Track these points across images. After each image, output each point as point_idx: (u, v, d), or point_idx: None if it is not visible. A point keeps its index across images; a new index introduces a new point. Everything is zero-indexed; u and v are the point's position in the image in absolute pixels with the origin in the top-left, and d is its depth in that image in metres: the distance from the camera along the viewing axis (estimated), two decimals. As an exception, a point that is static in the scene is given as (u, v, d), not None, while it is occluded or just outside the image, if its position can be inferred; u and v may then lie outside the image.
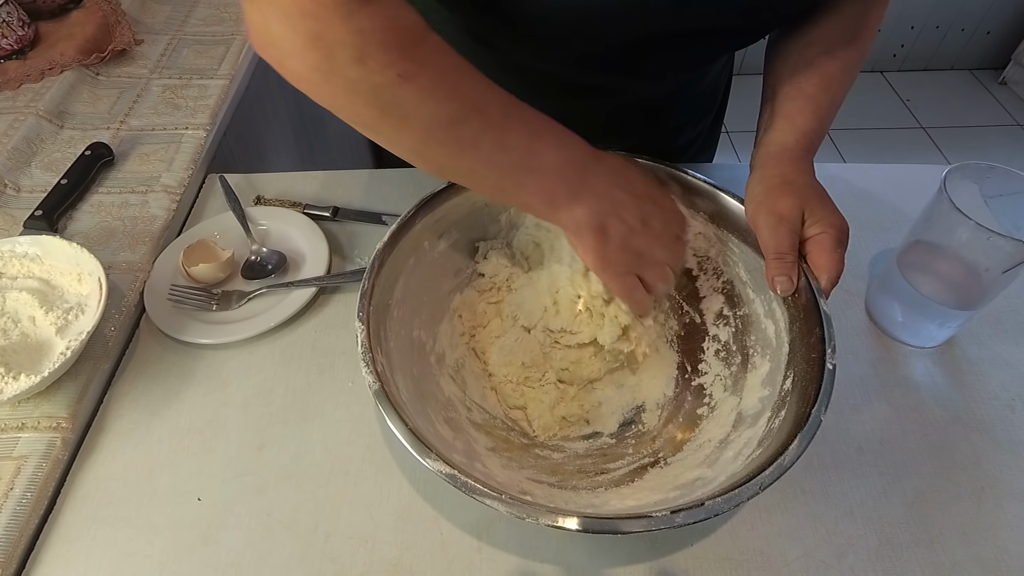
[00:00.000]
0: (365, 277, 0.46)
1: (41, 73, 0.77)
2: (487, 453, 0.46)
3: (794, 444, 0.40)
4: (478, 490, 0.37)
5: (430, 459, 0.38)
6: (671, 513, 0.36)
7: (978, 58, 2.48)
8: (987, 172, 0.52)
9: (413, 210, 0.51)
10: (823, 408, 0.41)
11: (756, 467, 0.39)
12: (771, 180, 0.50)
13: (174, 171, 0.69)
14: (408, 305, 0.50)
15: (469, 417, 0.49)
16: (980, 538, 0.46)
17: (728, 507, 0.37)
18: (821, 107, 0.52)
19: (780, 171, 0.50)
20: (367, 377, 0.41)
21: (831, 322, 0.45)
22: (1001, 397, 0.54)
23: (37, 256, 0.56)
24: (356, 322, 0.44)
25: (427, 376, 0.48)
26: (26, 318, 0.54)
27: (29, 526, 0.45)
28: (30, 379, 0.48)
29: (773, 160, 0.51)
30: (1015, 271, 0.49)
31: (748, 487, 0.38)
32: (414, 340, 0.49)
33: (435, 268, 0.53)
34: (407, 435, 0.39)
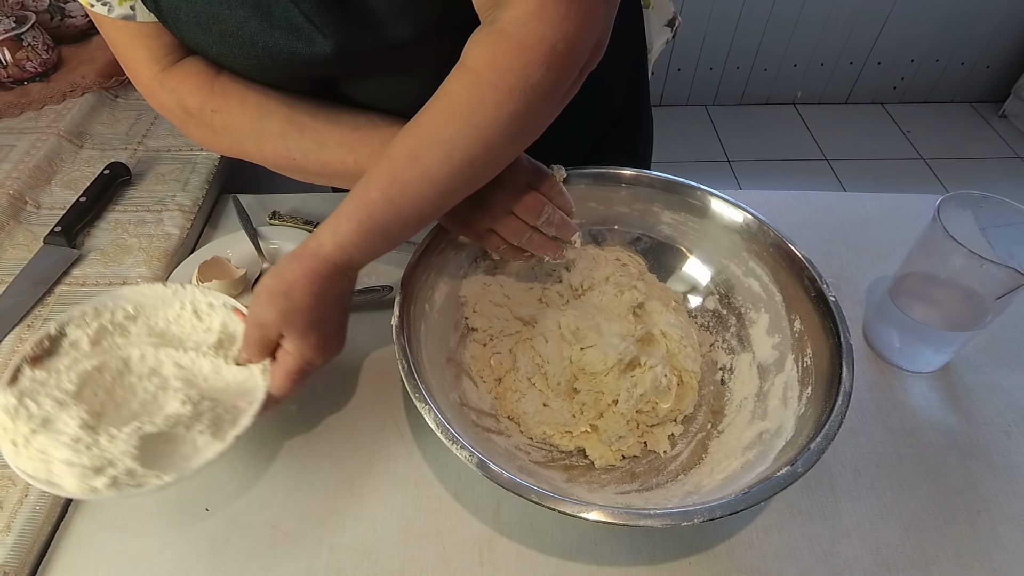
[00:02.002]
0: (401, 358, 0.45)
1: (63, 95, 0.80)
2: (568, 486, 0.47)
3: (845, 372, 0.44)
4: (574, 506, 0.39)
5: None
6: (791, 465, 0.40)
7: (978, 91, 2.51)
8: (981, 201, 0.54)
9: (407, 279, 0.50)
10: (849, 334, 0.45)
11: (827, 400, 0.43)
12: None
13: (189, 191, 0.71)
14: (436, 374, 0.50)
15: (532, 460, 0.49)
16: (975, 562, 0.46)
17: (827, 443, 0.41)
18: (374, 218, 0.43)
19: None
20: (460, 453, 0.41)
21: (813, 263, 0.51)
22: (997, 423, 0.55)
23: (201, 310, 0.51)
24: (419, 404, 0.43)
25: (480, 437, 0.48)
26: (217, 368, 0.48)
27: (42, 534, 0.46)
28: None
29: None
30: (1008, 297, 0.50)
31: (833, 419, 0.42)
32: (452, 404, 0.49)
33: (439, 328, 0.54)
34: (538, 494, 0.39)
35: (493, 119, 0.40)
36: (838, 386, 0.44)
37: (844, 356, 0.45)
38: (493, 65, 0.39)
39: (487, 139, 0.41)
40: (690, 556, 0.46)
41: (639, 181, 0.60)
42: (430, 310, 0.53)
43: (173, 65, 0.49)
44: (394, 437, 0.53)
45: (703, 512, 0.38)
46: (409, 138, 0.42)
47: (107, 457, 0.40)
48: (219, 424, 0.44)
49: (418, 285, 0.52)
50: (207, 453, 0.42)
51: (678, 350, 0.55)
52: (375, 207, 0.42)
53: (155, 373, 0.46)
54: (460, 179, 0.42)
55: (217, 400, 0.45)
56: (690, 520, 0.38)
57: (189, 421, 0.43)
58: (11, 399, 0.42)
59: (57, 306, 0.60)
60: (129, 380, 0.46)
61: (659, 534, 0.47)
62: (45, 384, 0.43)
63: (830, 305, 0.48)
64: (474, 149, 0.41)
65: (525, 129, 0.42)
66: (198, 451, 0.43)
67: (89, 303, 0.48)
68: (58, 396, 0.42)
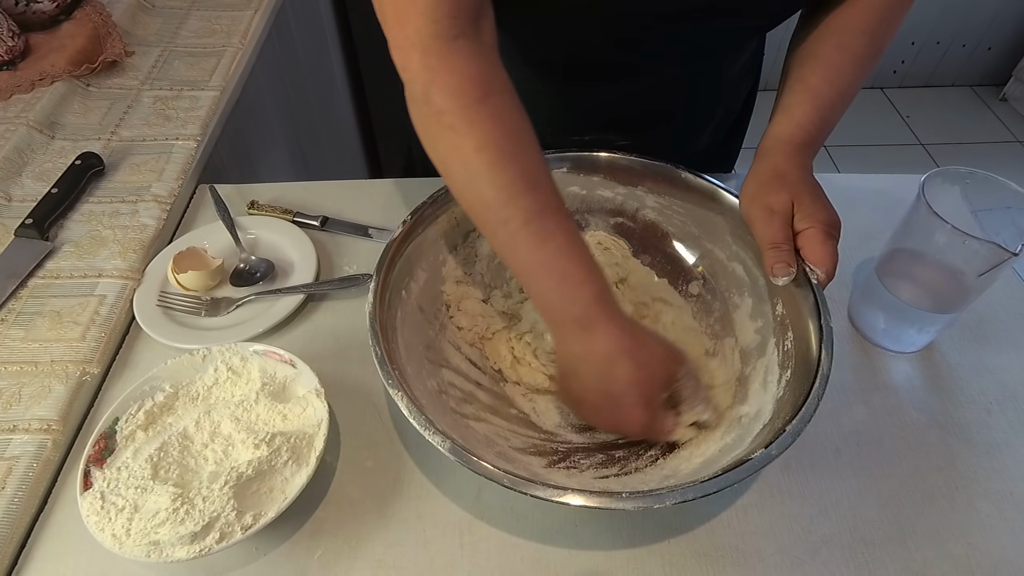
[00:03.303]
0: (374, 344, 0.45)
1: (32, 84, 0.78)
2: (546, 471, 0.47)
3: (824, 355, 0.43)
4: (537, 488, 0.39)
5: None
6: (765, 448, 0.40)
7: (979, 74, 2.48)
8: (967, 177, 0.53)
9: (383, 265, 0.50)
10: (830, 317, 0.45)
11: (806, 382, 0.43)
12: (763, 175, 0.50)
13: (164, 181, 0.70)
14: (414, 361, 0.49)
15: (511, 446, 0.49)
16: (952, 536, 0.47)
17: (803, 425, 0.41)
18: (823, 98, 0.51)
19: (772, 165, 0.50)
20: (432, 439, 0.40)
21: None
22: (979, 401, 0.55)
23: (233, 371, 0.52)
24: (392, 391, 0.43)
25: (459, 424, 0.48)
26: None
27: (20, 526, 0.46)
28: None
29: (767, 154, 0.51)
30: (991, 275, 0.50)
31: (810, 402, 0.42)
32: (430, 391, 0.49)
33: (418, 315, 0.53)
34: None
35: (901, 10, 0.52)
36: (816, 369, 0.44)
37: (824, 339, 0.45)
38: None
39: (898, 27, 0.53)
40: (670, 537, 0.46)
41: (623, 165, 0.59)
42: (407, 297, 0.53)
43: (452, 41, 0.40)
44: (375, 424, 0.52)
45: (675, 495, 0.38)
46: (834, 34, 0.51)
47: (210, 515, 0.42)
48: (299, 452, 0.46)
49: (395, 271, 0.51)
50: (299, 480, 0.44)
51: (663, 308, 0.55)
52: (819, 89, 0.50)
53: (216, 434, 0.47)
54: (878, 59, 0.53)
55: (287, 433, 0.47)
56: (662, 503, 0.38)
57: (271, 458, 0.45)
58: (95, 501, 0.43)
59: (31, 300, 0.59)
60: (195, 449, 0.47)
61: (639, 516, 0.47)
62: (119, 479, 0.44)
63: (813, 288, 0.48)
64: (891, 35, 0.52)
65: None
66: (288, 481, 0.45)
67: (126, 397, 0.48)
68: (138, 484, 0.44)
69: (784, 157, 0.50)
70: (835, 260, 0.47)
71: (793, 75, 0.53)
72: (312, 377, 0.50)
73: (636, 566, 0.45)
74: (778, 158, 0.50)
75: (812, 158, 0.51)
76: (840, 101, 0.52)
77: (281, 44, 1.08)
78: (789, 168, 0.49)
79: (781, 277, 0.47)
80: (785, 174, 0.49)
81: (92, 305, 0.58)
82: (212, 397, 0.50)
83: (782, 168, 0.49)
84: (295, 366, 0.51)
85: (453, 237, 0.57)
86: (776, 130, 0.52)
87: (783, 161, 0.50)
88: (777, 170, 0.49)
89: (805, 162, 0.50)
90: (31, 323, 0.57)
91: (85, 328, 0.56)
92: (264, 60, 0.99)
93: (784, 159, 0.50)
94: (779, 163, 0.50)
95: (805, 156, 0.51)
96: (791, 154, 0.50)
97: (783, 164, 0.50)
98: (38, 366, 0.54)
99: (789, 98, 0.52)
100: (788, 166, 0.49)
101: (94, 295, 0.59)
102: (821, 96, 0.51)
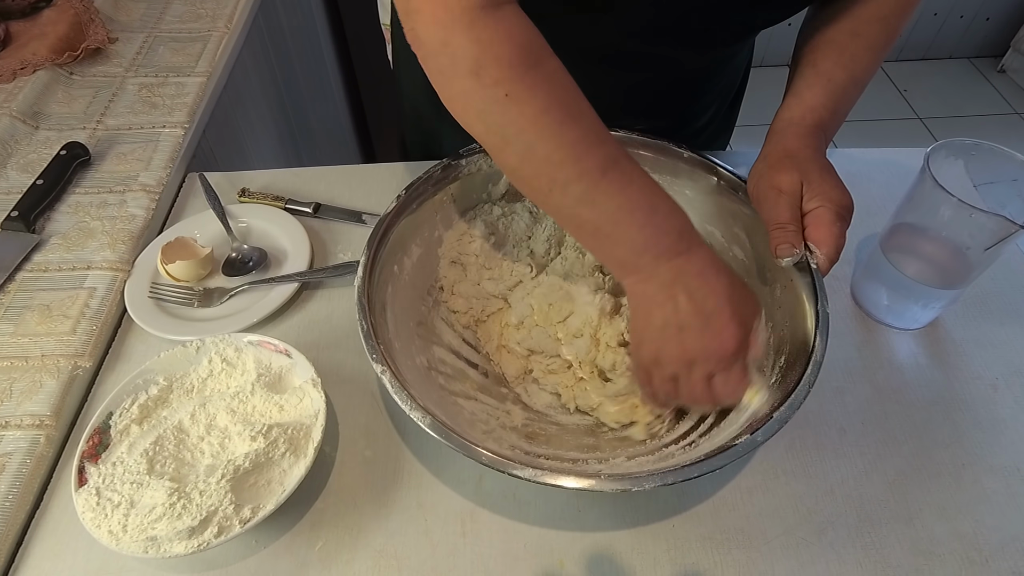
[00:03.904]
0: (360, 318, 0.45)
1: (13, 73, 0.76)
2: (531, 449, 0.46)
3: (818, 341, 0.42)
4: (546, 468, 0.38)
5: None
6: (751, 434, 0.39)
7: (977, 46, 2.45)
8: (972, 149, 0.52)
9: (375, 239, 0.49)
10: (827, 303, 0.44)
11: (797, 371, 0.42)
12: (773, 155, 0.49)
13: (152, 170, 0.68)
14: (403, 336, 0.49)
15: (500, 424, 0.49)
16: (958, 513, 0.46)
17: (791, 412, 0.40)
18: (834, 83, 0.50)
19: (783, 146, 0.49)
20: (413, 413, 0.40)
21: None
22: (984, 377, 0.55)
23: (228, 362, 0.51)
24: (375, 365, 0.42)
25: (447, 401, 0.48)
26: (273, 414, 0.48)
27: (15, 523, 0.45)
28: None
29: (777, 135, 0.50)
30: (997, 248, 0.49)
31: (800, 388, 0.41)
32: (419, 367, 0.48)
33: (410, 292, 0.53)
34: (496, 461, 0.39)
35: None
36: (810, 355, 0.43)
37: (820, 325, 0.44)
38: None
39: (911, 14, 0.52)
40: (673, 518, 0.46)
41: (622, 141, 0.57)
42: (399, 272, 0.52)
43: (498, 10, 0.39)
44: (373, 413, 0.52)
45: (655, 479, 0.38)
46: (847, 20, 0.51)
47: (208, 509, 0.41)
48: (296, 443, 0.45)
49: (387, 246, 0.51)
50: (297, 472, 0.44)
51: None
52: (831, 74, 0.50)
53: (212, 427, 0.47)
54: (891, 47, 0.53)
55: (284, 424, 0.46)
56: (640, 487, 0.38)
57: (268, 450, 0.44)
58: (91, 497, 0.42)
59: (19, 294, 0.58)
60: (191, 442, 0.46)
61: (642, 500, 0.47)
62: (114, 474, 0.44)
63: (812, 272, 0.46)
64: (905, 22, 0.52)
65: None
66: (287, 473, 0.44)
67: (119, 390, 0.47)
68: (133, 479, 0.43)
69: (794, 138, 0.49)
70: (841, 243, 0.45)
71: (805, 60, 0.52)
72: (308, 367, 0.49)
73: (640, 551, 0.44)
74: (789, 139, 0.49)
75: (825, 143, 0.50)
76: (853, 87, 0.51)
77: (268, 27, 1.06)
78: (799, 148, 0.48)
79: (785, 258, 0.46)
80: (795, 154, 0.48)
81: (82, 298, 0.57)
82: (207, 389, 0.50)
83: (792, 148, 0.48)
84: (290, 356, 0.50)
85: (448, 215, 0.56)
86: (787, 113, 0.51)
87: (793, 141, 0.49)
88: (787, 150, 0.48)
89: (817, 143, 0.49)
90: (20, 317, 0.56)
91: (75, 321, 0.55)
92: (251, 44, 0.97)
93: (794, 139, 0.49)
94: (789, 144, 0.49)
95: (817, 138, 0.49)
96: (801, 135, 0.49)
97: (793, 144, 0.49)
98: (28, 361, 0.53)
99: (800, 82, 0.51)
100: (798, 146, 0.48)
101: (84, 288, 0.58)
102: (834, 81, 0.50)
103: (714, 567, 0.44)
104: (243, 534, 0.41)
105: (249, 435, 0.45)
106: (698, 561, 0.44)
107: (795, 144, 0.49)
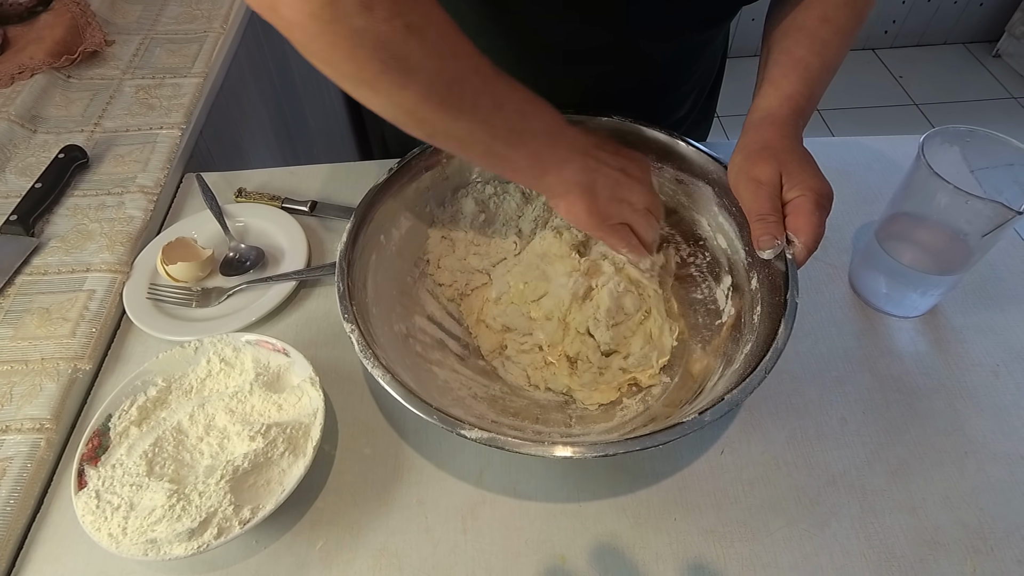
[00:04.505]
0: (338, 279, 0.46)
1: (11, 78, 0.76)
2: (494, 417, 0.47)
3: (781, 329, 0.43)
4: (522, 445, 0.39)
5: (465, 430, 0.39)
6: (699, 414, 0.40)
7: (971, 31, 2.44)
8: (967, 136, 0.52)
9: (363, 208, 0.51)
10: (797, 292, 0.45)
11: (756, 357, 0.42)
12: (751, 147, 0.49)
13: (150, 171, 0.68)
14: (383, 303, 0.50)
15: (471, 393, 0.49)
16: (962, 502, 0.46)
17: (744, 396, 0.40)
18: (810, 70, 0.50)
19: (761, 137, 0.49)
20: (374, 371, 0.41)
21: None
22: (985, 363, 0.54)
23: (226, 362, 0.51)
24: (345, 324, 0.44)
25: (420, 368, 0.49)
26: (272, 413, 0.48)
27: (16, 527, 0.45)
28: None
29: (756, 126, 0.50)
30: (995, 235, 0.49)
31: (756, 373, 0.41)
32: (396, 334, 0.50)
33: (395, 261, 0.54)
34: (439, 417, 0.40)
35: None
36: (771, 342, 0.42)
37: (786, 314, 0.44)
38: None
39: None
40: (675, 512, 0.46)
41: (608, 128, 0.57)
42: (386, 242, 0.53)
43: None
44: (371, 410, 0.52)
45: (597, 448, 0.39)
46: (816, 5, 0.51)
47: (207, 511, 0.41)
48: (295, 442, 0.45)
49: (375, 215, 0.51)
50: (296, 471, 0.44)
51: (625, 264, 0.55)
52: (806, 61, 0.50)
53: (211, 427, 0.47)
54: (859, 29, 0.53)
55: (283, 423, 0.46)
56: (583, 456, 0.39)
57: (267, 450, 0.44)
58: (90, 500, 0.42)
59: (19, 297, 0.58)
60: (190, 442, 0.46)
61: (643, 495, 0.47)
62: (114, 476, 0.44)
63: (786, 261, 0.46)
64: (871, 5, 0.52)
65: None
66: (286, 473, 0.44)
67: (118, 392, 0.47)
68: (133, 481, 0.43)
69: (773, 129, 0.49)
70: (820, 231, 0.45)
71: (777, 47, 0.52)
72: (306, 365, 0.49)
73: (642, 545, 0.44)
74: (767, 130, 0.49)
75: (802, 129, 0.50)
76: (826, 72, 0.52)
77: (263, 27, 1.06)
78: (777, 138, 0.48)
79: (767, 249, 0.46)
80: (773, 144, 0.48)
81: (81, 300, 0.57)
82: (206, 389, 0.50)
83: (770, 139, 0.48)
84: (288, 355, 0.50)
85: (441, 191, 0.57)
86: (764, 103, 0.51)
87: (771, 133, 0.49)
88: (765, 141, 0.48)
89: (795, 132, 0.49)
90: (19, 321, 0.56)
91: (75, 324, 0.55)
92: (247, 44, 0.97)
93: (772, 131, 0.49)
94: (767, 135, 0.49)
95: (795, 127, 0.50)
96: (779, 125, 0.49)
97: (771, 136, 0.49)
98: (28, 364, 0.53)
99: (775, 70, 0.51)
100: (776, 136, 0.49)
101: (83, 290, 0.58)
102: (809, 68, 0.50)
103: (717, 560, 0.44)
104: (243, 535, 0.41)
105: (248, 435, 0.45)
106: (701, 555, 0.44)
107: (773, 135, 0.49)
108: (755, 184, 0.47)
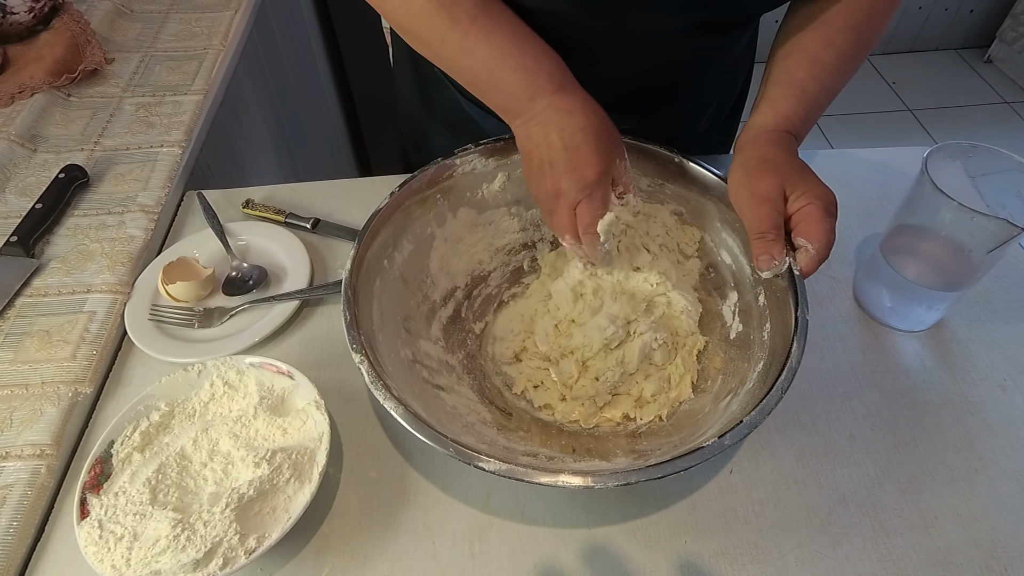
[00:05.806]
0: (344, 308, 0.45)
1: (11, 97, 0.76)
2: (507, 444, 0.46)
3: (794, 347, 0.42)
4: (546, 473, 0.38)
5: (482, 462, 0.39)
6: (719, 438, 0.39)
7: (963, 37, 2.48)
8: (969, 151, 0.52)
9: (366, 232, 0.50)
10: (807, 309, 0.44)
11: (772, 377, 0.42)
12: (750, 162, 0.49)
13: (151, 190, 0.68)
14: (389, 329, 0.49)
15: (480, 419, 0.49)
16: (975, 520, 0.46)
17: (762, 418, 0.39)
18: (808, 92, 0.51)
19: (758, 153, 0.49)
20: (386, 403, 0.41)
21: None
22: (992, 377, 0.54)
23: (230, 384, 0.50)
24: (354, 355, 0.43)
25: (428, 395, 0.48)
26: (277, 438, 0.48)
27: (16, 557, 0.44)
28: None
29: (752, 143, 0.50)
30: (1000, 250, 0.49)
31: (773, 394, 0.40)
32: (403, 360, 0.49)
33: (398, 286, 0.53)
34: (458, 451, 0.39)
35: (888, 8, 0.52)
36: (785, 361, 0.42)
37: (797, 331, 0.43)
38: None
39: (885, 25, 0.53)
40: (685, 535, 0.45)
41: None
42: (389, 267, 0.52)
43: None
44: (376, 432, 0.51)
45: (618, 477, 0.38)
46: (821, 28, 0.51)
47: (212, 540, 0.40)
48: (300, 468, 0.45)
49: (377, 241, 0.51)
50: (302, 498, 0.43)
51: (675, 314, 0.54)
52: (804, 84, 0.51)
53: (215, 452, 0.46)
54: (863, 57, 0.53)
55: (288, 448, 0.45)
56: (604, 484, 0.38)
57: (273, 477, 0.43)
58: (93, 530, 0.41)
59: (18, 320, 0.57)
60: (194, 469, 0.46)
61: (653, 518, 0.46)
62: (117, 505, 0.43)
63: (794, 278, 0.46)
64: (878, 33, 0.53)
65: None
66: (291, 499, 0.44)
67: (120, 418, 0.47)
68: (136, 510, 0.42)
69: (769, 144, 0.49)
70: (832, 238, 0.45)
71: (778, 67, 0.52)
72: (311, 388, 0.48)
73: (653, 569, 0.44)
74: (763, 146, 0.49)
75: (796, 147, 0.51)
76: (824, 96, 0.52)
77: (263, 43, 1.06)
78: (774, 153, 0.48)
79: (766, 270, 0.46)
80: (772, 158, 0.48)
81: (82, 322, 0.57)
82: (209, 413, 0.49)
83: (768, 154, 0.48)
84: (293, 377, 0.49)
85: (442, 213, 0.57)
86: (760, 120, 0.51)
87: (769, 148, 0.49)
88: (763, 156, 0.48)
89: (791, 147, 0.50)
90: (19, 344, 0.55)
91: (75, 346, 0.55)
92: (246, 60, 0.97)
93: (769, 146, 0.49)
94: (765, 151, 0.49)
95: (791, 143, 0.50)
96: (775, 141, 0.49)
97: (769, 151, 0.49)
98: (28, 388, 0.52)
99: (774, 89, 0.52)
100: (773, 151, 0.49)
101: (83, 311, 0.58)
102: (807, 90, 0.51)
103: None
104: (248, 564, 0.40)
105: (253, 461, 0.44)
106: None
107: (770, 150, 0.49)
108: (757, 200, 0.47)
